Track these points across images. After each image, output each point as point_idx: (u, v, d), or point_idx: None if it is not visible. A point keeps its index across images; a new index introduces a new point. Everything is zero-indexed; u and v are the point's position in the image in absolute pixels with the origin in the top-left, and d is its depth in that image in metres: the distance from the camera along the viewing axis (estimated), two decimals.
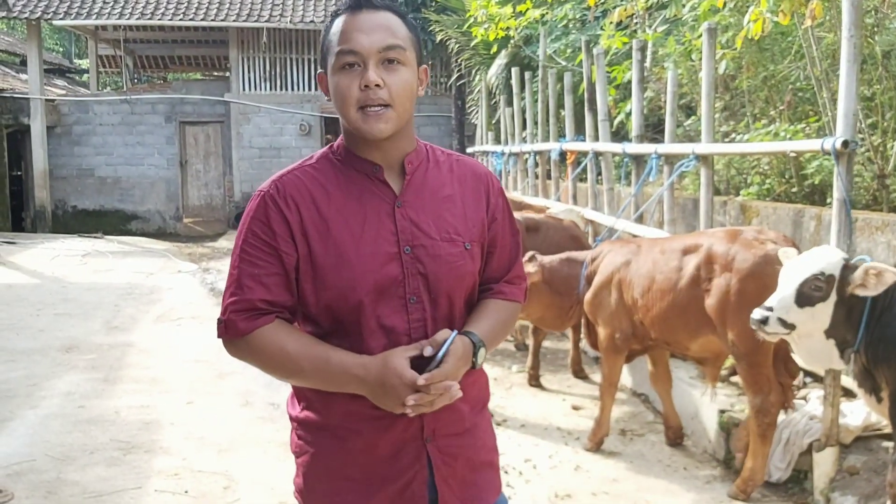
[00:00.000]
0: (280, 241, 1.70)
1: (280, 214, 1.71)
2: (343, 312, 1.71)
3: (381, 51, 1.68)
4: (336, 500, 1.79)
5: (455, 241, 1.78)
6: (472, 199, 1.85)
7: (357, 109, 1.70)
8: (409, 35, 1.74)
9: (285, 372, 1.73)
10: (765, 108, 6.82)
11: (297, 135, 19.32)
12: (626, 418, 5.36)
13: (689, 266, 4.18)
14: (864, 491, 3.78)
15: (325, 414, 1.77)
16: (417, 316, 1.74)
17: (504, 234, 1.91)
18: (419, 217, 1.76)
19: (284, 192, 1.73)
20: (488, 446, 1.92)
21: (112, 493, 4.21)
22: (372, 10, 1.71)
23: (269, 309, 1.71)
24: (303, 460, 1.83)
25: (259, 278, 1.70)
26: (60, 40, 35.16)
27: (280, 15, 18.34)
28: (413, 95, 1.74)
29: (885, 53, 5.39)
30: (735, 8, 6.28)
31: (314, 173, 1.77)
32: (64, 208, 19.19)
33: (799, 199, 5.83)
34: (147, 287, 10.59)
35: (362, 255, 1.70)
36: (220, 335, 1.74)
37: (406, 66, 1.72)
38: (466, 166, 1.89)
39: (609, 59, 8.24)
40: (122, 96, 19.55)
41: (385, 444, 1.75)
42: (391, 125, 1.71)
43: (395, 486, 1.76)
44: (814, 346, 3.43)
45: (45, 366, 6.61)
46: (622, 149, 6.54)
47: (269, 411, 5.57)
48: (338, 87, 1.71)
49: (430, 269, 1.74)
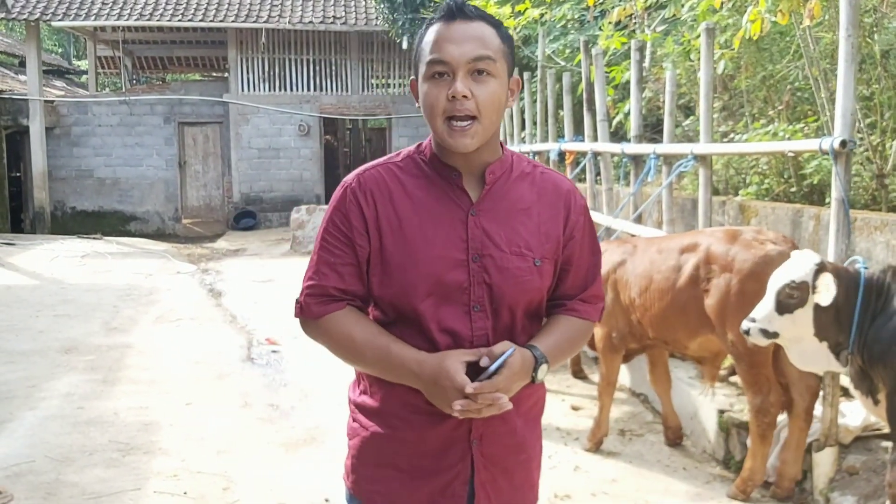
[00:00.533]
0: (356, 233, 1.76)
1: (358, 208, 1.77)
2: (406, 309, 1.75)
3: (470, 62, 1.69)
4: (379, 485, 1.84)
5: (525, 256, 1.77)
6: (550, 215, 1.83)
7: (444, 121, 1.71)
8: (501, 46, 1.74)
9: (349, 357, 1.81)
10: (763, 108, 6.82)
11: (296, 135, 19.33)
12: (625, 418, 5.36)
13: (688, 265, 4.18)
14: (863, 491, 3.78)
15: (382, 401, 1.82)
16: (480, 324, 1.75)
17: (582, 253, 1.88)
18: (492, 227, 1.77)
19: (365, 187, 1.79)
20: (533, 465, 1.93)
21: (111, 495, 4.21)
22: (465, 21, 1.71)
23: (341, 296, 1.78)
24: (354, 443, 1.88)
25: (334, 266, 1.77)
26: (59, 41, 35.14)
27: (279, 16, 18.34)
28: (501, 107, 1.75)
29: (884, 53, 5.39)
30: (733, 8, 6.28)
31: (397, 171, 1.82)
32: (63, 209, 19.19)
33: (798, 199, 5.83)
34: (146, 288, 10.59)
35: (430, 258, 1.73)
36: (296, 315, 1.83)
37: (495, 77, 1.72)
38: (550, 180, 1.87)
39: (608, 60, 8.24)
40: (120, 97, 19.55)
41: (434, 438, 1.78)
42: (477, 140, 1.72)
43: (437, 481, 1.80)
44: (806, 349, 3.46)
45: (44, 367, 6.60)
46: (621, 149, 6.54)
47: (269, 412, 5.57)
48: (426, 97, 1.73)
49: (496, 280, 1.75)
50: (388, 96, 19.97)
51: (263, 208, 19.39)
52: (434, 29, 1.73)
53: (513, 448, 1.84)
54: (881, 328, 3.25)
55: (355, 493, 1.88)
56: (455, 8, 1.72)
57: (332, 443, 4.98)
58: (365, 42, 19.64)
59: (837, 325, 3.37)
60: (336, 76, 19.62)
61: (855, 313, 3.31)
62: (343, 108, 19.63)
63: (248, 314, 8.80)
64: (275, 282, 11.16)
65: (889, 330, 3.23)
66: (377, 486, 1.84)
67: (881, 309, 3.29)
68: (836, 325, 3.37)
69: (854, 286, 3.35)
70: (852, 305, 3.32)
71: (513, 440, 1.83)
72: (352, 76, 19.63)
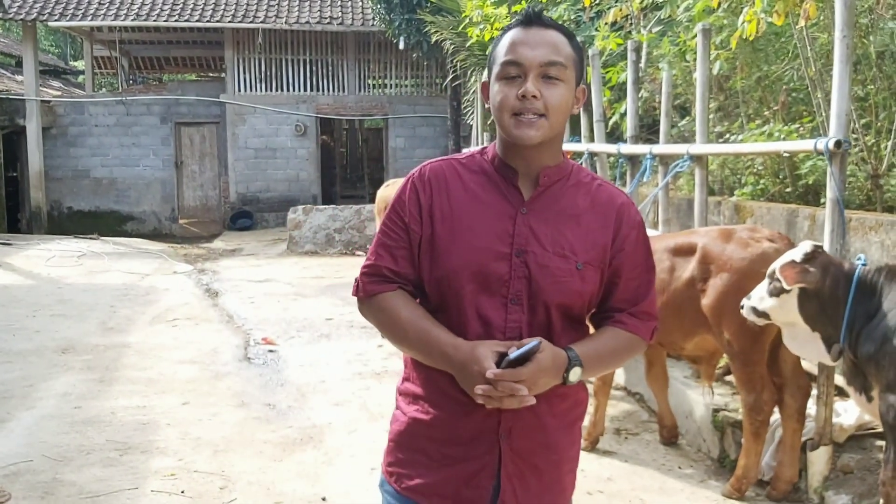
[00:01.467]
0: (411, 219, 1.88)
1: (416, 196, 1.89)
2: (449, 294, 1.85)
3: (542, 65, 1.78)
4: (408, 468, 1.92)
5: (567, 258, 1.84)
6: (600, 224, 1.89)
7: (511, 115, 1.80)
8: (572, 55, 1.83)
9: (394, 335, 1.90)
10: (759, 109, 6.83)
11: (292, 135, 19.35)
12: (621, 417, 5.38)
13: (684, 266, 4.19)
14: (857, 490, 3.80)
15: (421, 386, 1.91)
16: (515, 318, 1.82)
17: (632, 266, 1.93)
18: (539, 226, 1.84)
19: (426, 177, 1.90)
20: (564, 468, 1.95)
21: (108, 494, 4.22)
22: (541, 28, 1.82)
23: (394, 278, 1.89)
24: (393, 429, 1.98)
25: (390, 249, 1.90)
26: (56, 41, 35.10)
27: (275, 16, 18.35)
28: (567, 112, 1.84)
29: (880, 54, 5.41)
30: (729, 9, 6.29)
31: (458, 167, 1.93)
32: (59, 209, 19.18)
33: (793, 200, 5.84)
34: (143, 288, 10.59)
35: (475, 248, 1.83)
36: (354, 293, 1.95)
37: (564, 83, 1.81)
38: (605, 192, 1.94)
39: (604, 60, 8.25)
40: (117, 97, 19.57)
41: (464, 427, 1.85)
42: (541, 133, 1.80)
43: (463, 470, 1.86)
44: (798, 335, 3.60)
45: (41, 367, 6.61)
46: (617, 149, 6.56)
47: (265, 412, 5.58)
48: (497, 94, 1.82)
49: (535, 276, 1.82)
50: (385, 96, 19.98)
51: (260, 208, 19.40)
52: (511, 33, 1.84)
53: (542, 446, 1.88)
54: (874, 328, 3.27)
55: (387, 476, 1.96)
56: (533, 15, 1.84)
57: (329, 442, 4.99)
58: (361, 42, 19.65)
59: (826, 318, 3.43)
60: (333, 76, 19.63)
61: (846, 309, 3.34)
62: (340, 109, 19.64)
63: (245, 314, 8.80)
64: (271, 282, 11.17)
65: (881, 329, 3.25)
66: (407, 469, 1.91)
67: (875, 308, 3.31)
68: (824, 316, 3.43)
69: (846, 281, 3.38)
70: (842, 300, 3.36)
71: (543, 438, 1.87)
72: (348, 76, 19.64)
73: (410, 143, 19.79)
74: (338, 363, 6.80)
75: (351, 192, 23.00)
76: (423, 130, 19.74)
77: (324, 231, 14.24)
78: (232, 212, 19.26)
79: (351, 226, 14.23)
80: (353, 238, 14.28)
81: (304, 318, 8.43)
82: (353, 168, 25.51)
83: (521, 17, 1.84)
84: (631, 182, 6.48)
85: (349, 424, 5.32)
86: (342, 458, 4.76)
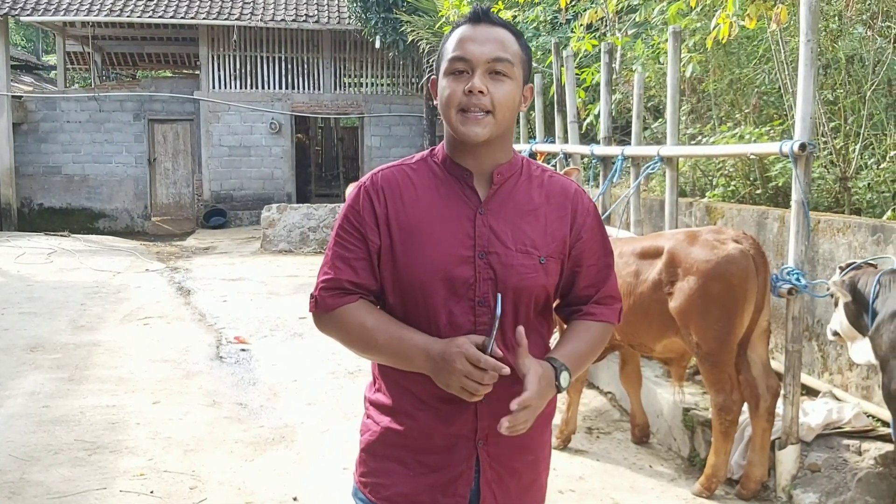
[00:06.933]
0: (368, 229, 1.84)
1: (371, 205, 1.84)
2: (417, 305, 1.82)
3: (489, 61, 1.78)
4: (383, 478, 1.89)
5: (530, 254, 1.83)
6: (557, 216, 1.89)
7: (458, 111, 1.79)
8: (519, 53, 1.83)
9: (363, 345, 1.85)
10: (731, 112, 6.90)
11: (267, 133, 19.25)
12: (592, 416, 5.41)
13: (650, 270, 4.22)
14: (825, 488, 3.85)
15: (393, 398, 1.88)
16: (484, 319, 1.80)
17: (591, 253, 1.93)
18: (499, 226, 1.83)
19: (378, 185, 1.86)
20: (541, 466, 1.96)
21: (76, 494, 4.18)
22: (489, 25, 1.82)
23: (354, 290, 1.85)
24: (364, 438, 1.94)
25: (348, 261, 1.85)
26: (28, 36, 34.69)
27: (251, 13, 18.26)
28: (514, 109, 1.83)
29: (849, 58, 5.48)
30: (702, 12, 6.35)
31: (409, 172, 1.89)
32: (30, 206, 18.96)
33: (763, 201, 5.90)
34: (114, 286, 10.49)
35: (438, 254, 1.80)
36: (311, 310, 1.89)
37: (512, 80, 1.80)
38: (557, 183, 1.94)
39: (578, 62, 8.28)
40: (90, 93, 19.36)
41: (440, 436, 1.83)
42: (488, 130, 1.79)
43: (440, 478, 1.84)
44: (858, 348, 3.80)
45: (9, 365, 6.53)
46: (590, 150, 6.60)
47: (237, 411, 5.55)
48: (444, 90, 1.81)
49: (500, 277, 1.81)
50: (361, 95, 19.94)
51: (234, 206, 19.29)
52: (459, 30, 1.83)
53: (520, 449, 1.88)
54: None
55: (360, 486, 1.93)
56: (481, 13, 1.83)
57: (301, 442, 4.97)
58: (337, 41, 19.60)
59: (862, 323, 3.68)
60: (308, 74, 19.56)
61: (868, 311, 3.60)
62: (315, 107, 19.58)
63: (217, 313, 8.75)
64: (244, 280, 11.11)
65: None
66: (381, 478, 1.89)
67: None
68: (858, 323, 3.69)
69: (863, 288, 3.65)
70: (865, 304, 3.62)
71: (520, 441, 1.85)
72: (324, 75, 19.58)
73: (386, 141, 19.76)
74: (311, 362, 6.78)
75: (326, 191, 22.94)
76: (399, 129, 19.72)
77: (298, 229, 14.18)
78: (205, 210, 19.14)
79: (325, 224, 14.19)
80: (327, 237, 14.19)
81: (278, 316, 8.40)
82: (329, 167, 25.43)
83: (470, 14, 1.84)
84: (603, 183, 6.51)
85: (322, 424, 5.31)
86: (314, 457, 4.75)
